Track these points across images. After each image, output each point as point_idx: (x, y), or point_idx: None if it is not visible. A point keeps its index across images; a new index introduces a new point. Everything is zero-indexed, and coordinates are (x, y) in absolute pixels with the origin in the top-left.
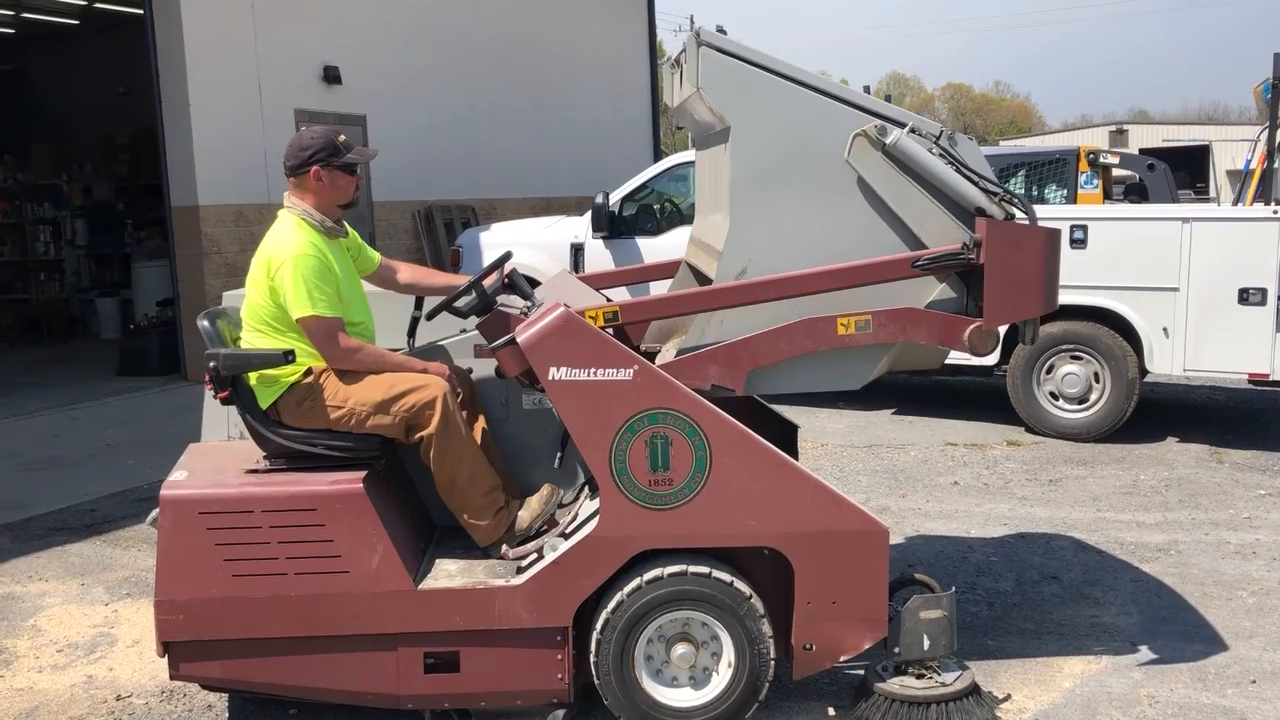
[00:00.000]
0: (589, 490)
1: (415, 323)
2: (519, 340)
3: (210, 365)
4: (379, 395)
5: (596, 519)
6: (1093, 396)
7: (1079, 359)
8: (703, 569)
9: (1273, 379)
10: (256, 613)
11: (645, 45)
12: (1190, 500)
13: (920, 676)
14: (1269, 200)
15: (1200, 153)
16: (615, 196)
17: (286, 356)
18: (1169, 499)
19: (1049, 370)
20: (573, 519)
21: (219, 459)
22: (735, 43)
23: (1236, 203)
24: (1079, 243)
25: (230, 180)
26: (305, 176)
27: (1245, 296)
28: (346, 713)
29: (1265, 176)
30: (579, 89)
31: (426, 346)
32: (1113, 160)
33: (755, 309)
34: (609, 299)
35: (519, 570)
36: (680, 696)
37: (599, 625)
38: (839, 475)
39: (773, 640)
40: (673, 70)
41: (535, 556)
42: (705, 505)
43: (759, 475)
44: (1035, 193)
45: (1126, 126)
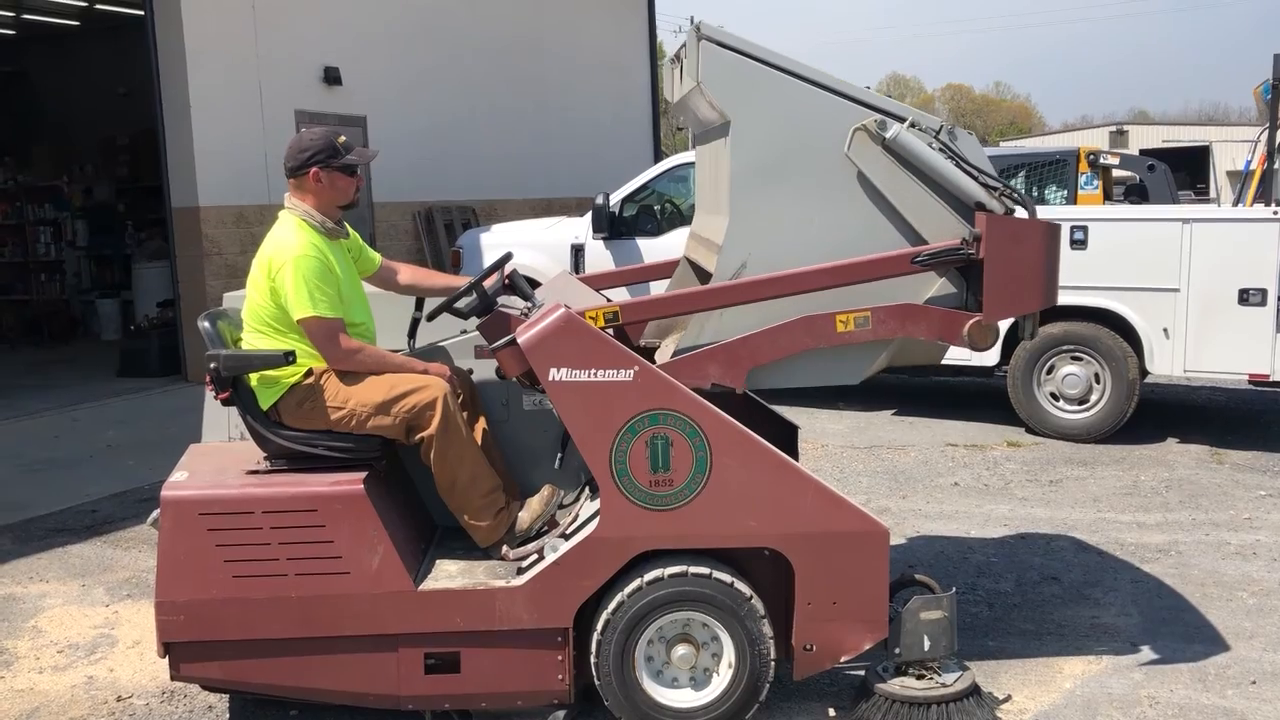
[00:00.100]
0: (589, 491)
1: (416, 324)
2: (519, 341)
3: (211, 366)
4: (379, 396)
5: (597, 520)
6: (1093, 397)
7: (1079, 360)
8: (703, 570)
9: (1273, 380)
10: (257, 613)
11: (645, 46)
12: (1191, 501)
13: (921, 677)
14: (1269, 201)
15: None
16: (616, 197)
17: (287, 357)
18: (1169, 500)
19: (1049, 371)
20: (573, 520)
21: (219, 460)
22: (736, 37)
23: (1237, 203)
24: (1079, 243)
25: (231, 181)
26: (305, 178)
27: (1245, 297)
28: (347, 713)
29: (1265, 177)
30: (579, 90)
31: (427, 347)
32: (1113, 161)
33: (754, 306)
34: (609, 299)
35: (519, 571)
36: (681, 697)
37: (599, 626)
38: (839, 476)
39: (773, 641)
40: (673, 65)
41: (536, 557)
42: (706, 506)
43: (759, 476)
44: (1035, 193)
45: (1127, 127)
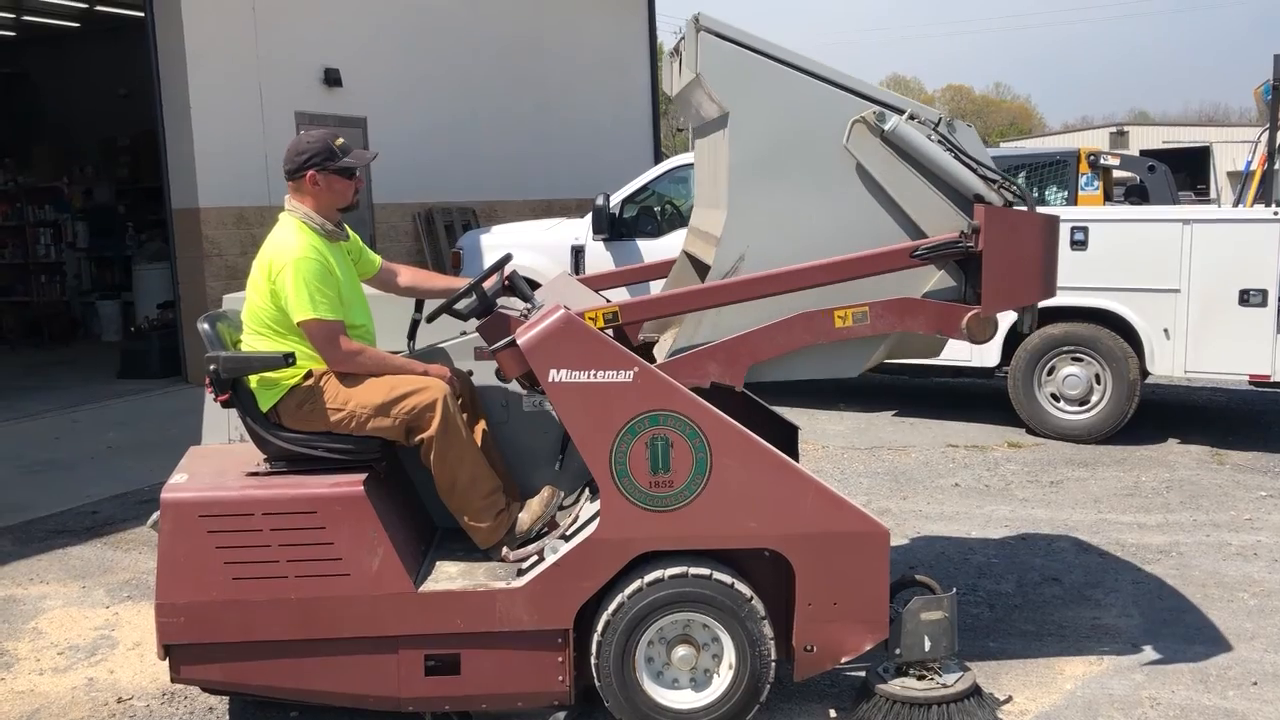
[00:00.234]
0: (589, 492)
1: (415, 325)
2: (519, 342)
3: (211, 368)
4: (379, 398)
5: (597, 521)
6: (1094, 398)
7: (1080, 360)
8: (703, 571)
9: (1273, 380)
10: (257, 615)
11: (646, 47)
12: (1191, 502)
13: (921, 678)
14: (1269, 202)
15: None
16: (616, 198)
17: (287, 359)
18: (1170, 500)
19: (1050, 372)
20: (573, 521)
21: (219, 461)
22: (734, 28)
23: (1237, 204)
24: (1080, 244)
25: (231, 183)
26: (302, 180)
27: (1246, 298)
28: (347, 715)
29: (1266, 178)
30: (580, 91)
31: (427, 349)
32: (1113, 162)
33: (752, 303)
34: (608, 300)
35: (520, 572)
36: (681, 698)
37: (600, 627)
38: (840, 477)
39: (774, 642)
40: (672, 59)
41: (536, 558)
42: (706, 507)
43: (760, 477)
44: (1036, 194)
45: (1127, 128)
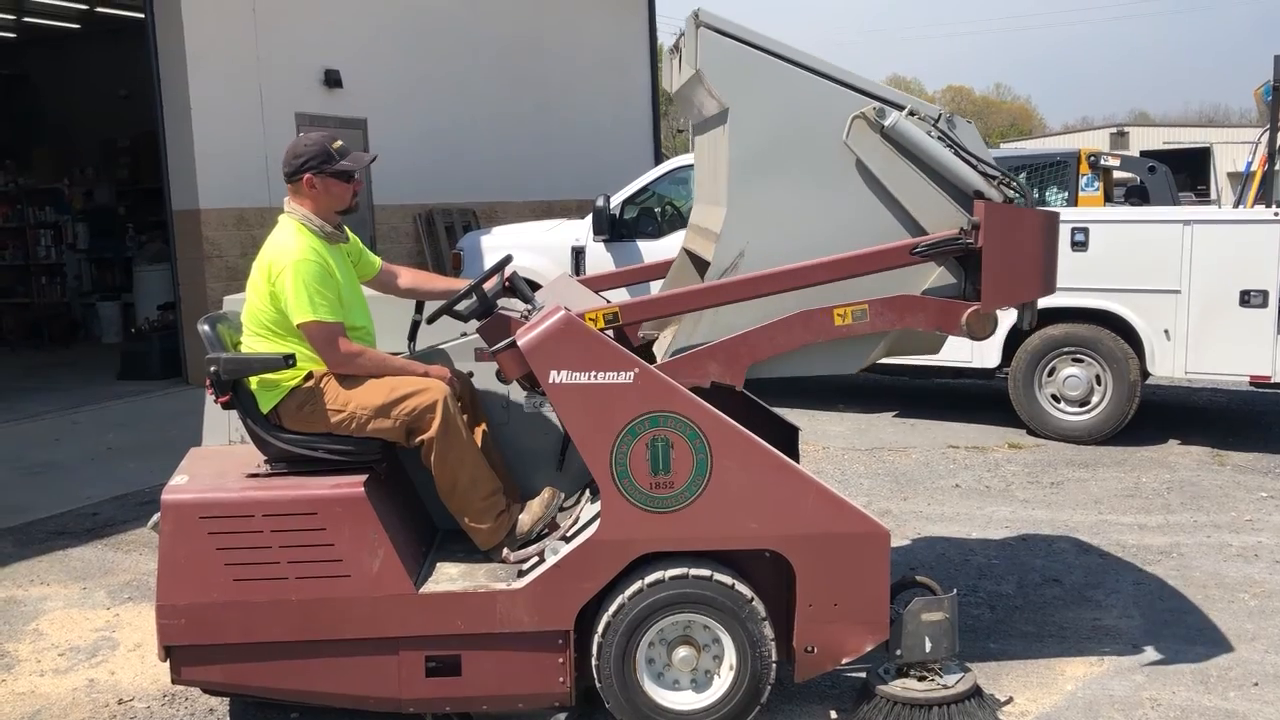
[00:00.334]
0: (590, 493)
1: (416, 326)
2: (520, 343)
3: (211, 369)
4: (380, 399)
5: (598, 522)
6: (1094, 399)
7: (1080, 361)
8: (704, 572)
9: (1274, 381)
10: (258, 617)
11: (646, 48)
12: (1192, 503)
13: (922, 679)
14: (1270, 202)
15: (1201, 155)
16: (616, 199)
17: (287, 361)
18: (1171, 501)
19: (1050, 373)
20: (574, 522)
21: (220, 463)
22: (734, 24)
23: (1237, 205)
24: (1080, 245)
25: (231, 184)
26: (300, 183)
27: (1246, 299)
28: (348, 717)
29: (1266, 179)
30: (580, 92)
31: (427, 350)
32: (1113, 163)
33: (751, 302)
34: (609, 301)
35: (520, 573)
36: (682, 699)
37: (600, 628)
38: (840, 478)
39: (774, 643)
40: (672, 55)
41: (536, 560)
42: (706, 508)
43: (760, 478)
44: (1036, 195)
45: (1127, 129)
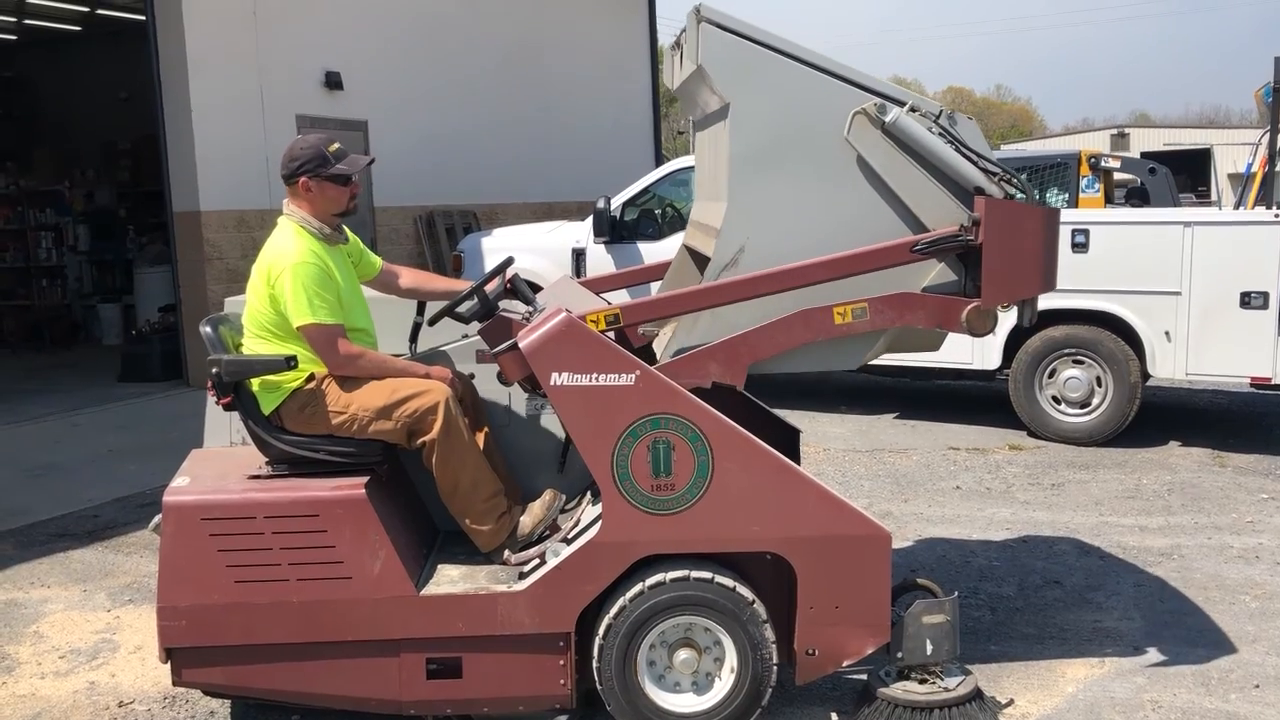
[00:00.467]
0: (591, 495)
1: (417, 328)
2: (521, 345)
3: (212, 371)
4: (381, 401)
5: (599, 524)
6: (1095, 400)
7: (1081, 363)
8: (705, 574)
9: (1275, 382)
10: (259, 618)
11: (646, 50)
12: (1193, 504)
13: (923, 681)
14: (1270, 204)
15: (1202, 156)
16: (617, 201)
17: (289, 362)
18: (1171, 503)
19: (1051, 374)
20: (575, 524)
21: (221, 465)
22: (735, 19)
23: (1238, 206)
24: (1081, 247)
25: (232, 186)
26: (296, 186)
27: (1247, 300)
28: (349, 718)
29: (1266, 180)
30: (581, 94)
31: (428, 352)
32: (1114, 164)
33: (751, 301)
34: (609, 303)
35: (521, 576)
36: (683, 702)
37: (601, 630)
38: (841, 480)
39: (775, 645)
40: (674, 52)
41: (537, 562)
42: (707, 510)
43: (761, 480)
44: (1037, 197)
45: (1128, 130)
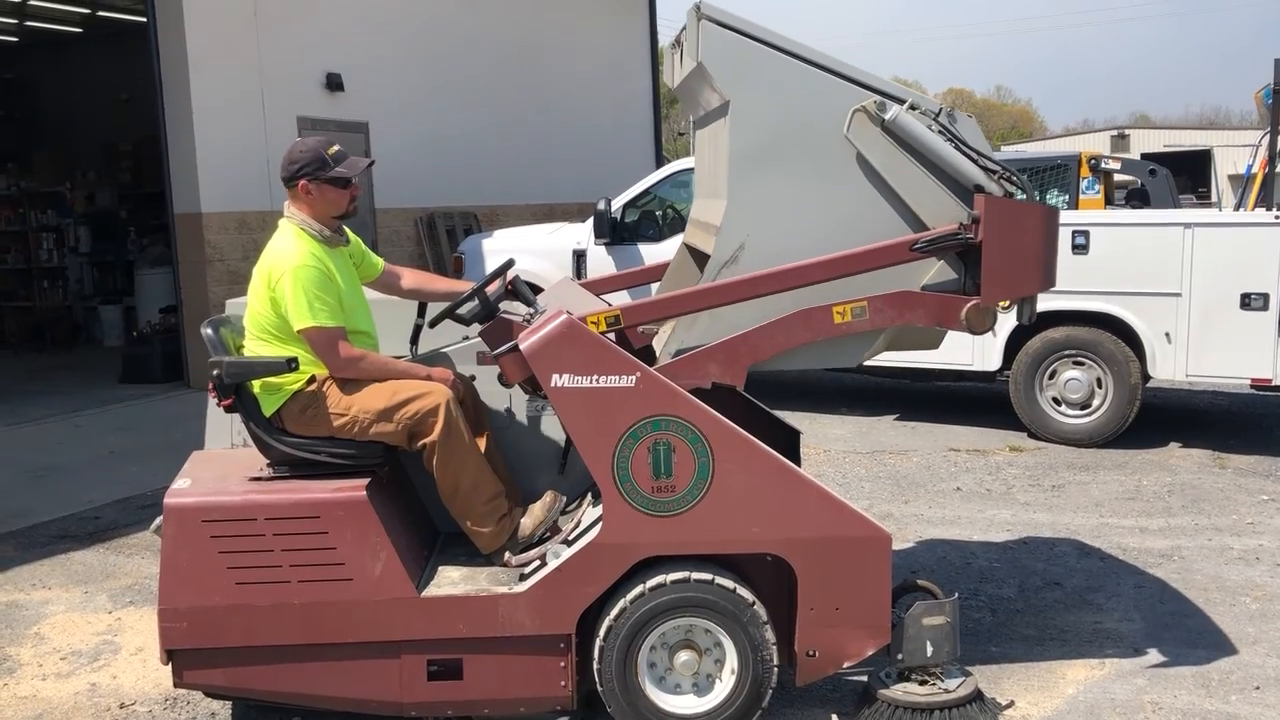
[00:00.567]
0: (591, 497)
1: (418, 330)
2: (522, 347)
3: (213, 373)
4: (382, 403)
5: (599, 526)
6: (1095, 402)
7: (1081, 364)
8: (705, 576)
9: (1275, 384)
10: (260, 620)
11: (647, 51)
12: (1193, 506)
13: (923, 683)
14: (1271, 205)
15: (1202, 158)
16: (617, 203)
17: (290, 364)
18: (1172, 504)
19: (1051, 376)
20: (575, 526)
21: (222, 466)
22: (736, 17)
23: (1238, 208)
24: (1081, 248)
25: (233, 187)
26: (296, 188)
27: (1247, 301)
28: None
29: (1267, 181)
30: (581, 96)
31: (429, 354)
32: (1114, 165)
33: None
34: (610, 304)
35: (522, 577)
36: (684, 703)
37: (602, 632)
38: (842, 481)
39: (776, 647)
40: (674, 50)
41: (538, 563)
42: (708, 512)
43: (762, 481)
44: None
45: (1128, 131)
